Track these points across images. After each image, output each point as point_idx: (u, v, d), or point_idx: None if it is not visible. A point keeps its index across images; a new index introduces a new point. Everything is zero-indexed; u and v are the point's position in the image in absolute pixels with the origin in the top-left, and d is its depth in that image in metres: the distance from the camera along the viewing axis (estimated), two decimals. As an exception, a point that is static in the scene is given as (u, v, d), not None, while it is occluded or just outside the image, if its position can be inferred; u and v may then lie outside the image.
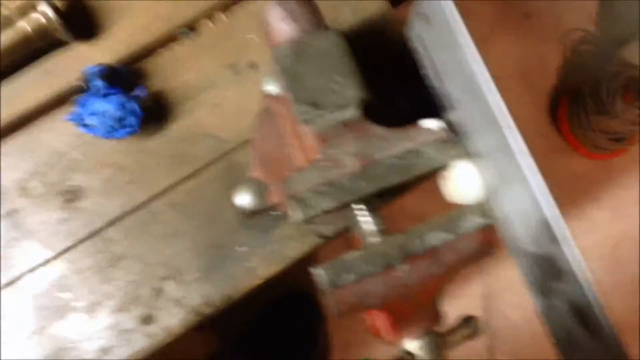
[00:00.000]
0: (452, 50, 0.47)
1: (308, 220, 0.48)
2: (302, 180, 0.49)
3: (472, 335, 0.54)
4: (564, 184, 1.88)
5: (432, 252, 0.47)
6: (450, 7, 0.46)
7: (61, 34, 0.63)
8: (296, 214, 0.48)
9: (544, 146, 1.88)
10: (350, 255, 0.47)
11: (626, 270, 1.83)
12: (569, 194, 1.88)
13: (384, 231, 0.52)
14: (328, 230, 0.65)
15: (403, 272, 0.47)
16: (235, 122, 0.68)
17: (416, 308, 0.48)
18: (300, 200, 0.48)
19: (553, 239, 0.42)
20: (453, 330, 0.54)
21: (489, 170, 0.48)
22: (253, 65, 0.69)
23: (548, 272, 0.45)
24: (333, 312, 0.47)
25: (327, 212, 0.48)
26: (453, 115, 0.52)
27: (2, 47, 0.61)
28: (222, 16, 0.69)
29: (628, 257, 1.83)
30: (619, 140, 1.69)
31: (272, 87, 0.62)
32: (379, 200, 0.60)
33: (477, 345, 1.71)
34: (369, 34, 0.69)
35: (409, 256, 0.47)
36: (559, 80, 1.88)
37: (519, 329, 1.71)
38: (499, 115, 0.44)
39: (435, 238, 0.47)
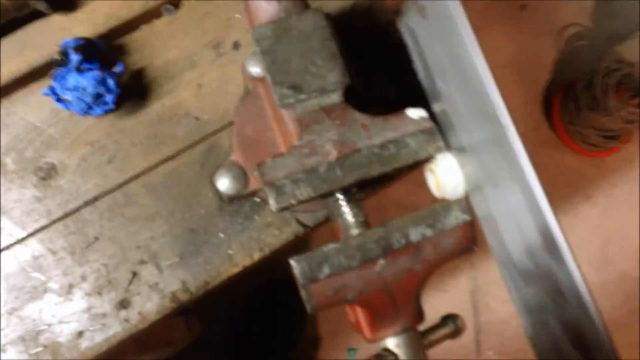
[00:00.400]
0: (449, 43, 0.45)
1: (284, 209, 0.46)
2: (279, 166, 0.47)
3: (454, 334, 0.53)
4: (555, 179, 1.87)
5: (411, 247, 0.46)
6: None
7: (38, 4, 0.60)
8: (271, 202, 0.46)
9: (536, 140, 1.87)
10: (327, 248, 0.45)
11: (615, 268, 1.83)
12: (560, 189, 1.87)
13: (364, 223, 0.50)
14: (308, 219, 0.64)
15: (381, 266, 0.45)
16: (217, 104, 0.66)
17: (394, 304, 0.46)
18: (276, 188, 0.46)
19: (552, 252, 0.40)
20: (434, 329, 0.52)
21: (474, 165, 0.46)
22: (237, 45, 0.67)
23: (541, 286, 0.43)
24: (307, 305, 0.45)
25: (303, 201, 0.46)
26: (438, 107, 0.50)
27: (-25, 17, 0.59)
28: (206, -8, 0.67)
29: (617, 255, 1.82)
30: (612, 137, 1.67)
31: (255, 69, 0.60)
32: (362, 190, 0.58)
33: (463, 339, 1.71)
34: (356, 18, 0.66)
35: (387, 251, 0.45)
36: (552, 75, 1.87)
37: (506, 323, 1.71)
38: (498, 112, 0.41)
39: (416, 233, 0.45)
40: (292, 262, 0.45)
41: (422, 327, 0.52)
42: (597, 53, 1.84)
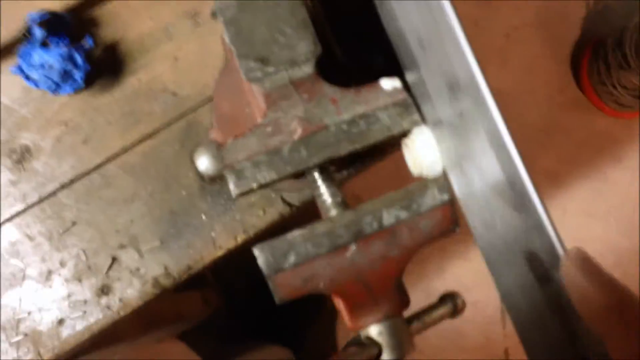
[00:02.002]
0: (427, 15, 0.39)
1: (245, 194, 0.43)
2: (240, 147, 0.43)
3: (453, 314, 0.49)
4: (583, 142, 1.79)
5: (385, 232, 0.41)
6: None
7: (-1, -22, 0.57)
8: (230, 187, 0.42)
9: (563, 101, 1.79)
10: (292, 235, 0.41)
11: (647, 233, 1.76)
12: (589, 152, 1.80)
13: (341, 203, 0.46)
14: (294, 198, 0.60)
15: (353, 253, 0.41)
16: (196, 78, 0.62)
17: (371, 292, 0.42)
18: (235, 172, 0.42)
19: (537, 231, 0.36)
20: (433, 308, 0.48)
21: (452, 140, 0.41)
22: (215, 15, 0.62)
23: (525, 268, 0.39)
24: (275, 296, 0.42)
25: (265, 185, 0.42)
26: (414, 75, 0.45)
27: None
28: (182, -42, 0.62)
29: (649, 220, 1.75)
30: (643, 97, 1.58)
31: (232, 39, 0.56)
32: (345, 168, 0.54)
33: (489, 309, 1.67)
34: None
35: (359, 236, 0.41)
36: (581, 32, 1.77)
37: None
38: (476, 79, 0.36)
39: (389, 216, 0.41)
40: (255, 251, 0.41)
41: (419, 307, 0.48)
42: (628, 8, 1.73)
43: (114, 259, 0.60)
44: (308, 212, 0.62)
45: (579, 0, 1.80)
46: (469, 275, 1.70)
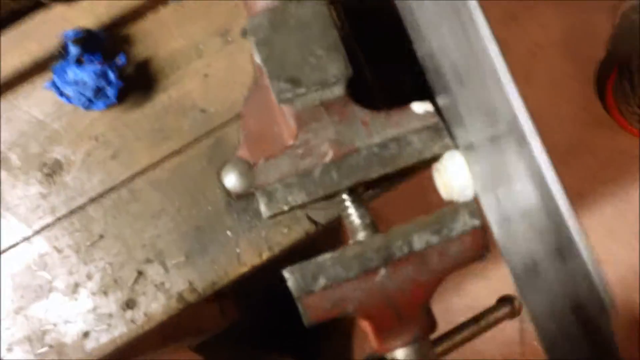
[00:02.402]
0: (456, 22, 0.39)
1: (276, 215, 0.43)
2: (271, 169, 0.43)
3: (510, 315, 0.49)
4: (606, 161, 1.77)
5: (416, 256, 0.41)
6: None
7: (37, -5, 0.58)
8: (261, 208, 0.42)
9: (587, 120, 1.77)
10: (323, 257, 0.41)
11: (668, 255, 1.73)
12: (612, 172, 1.78)
13: (370, 225, 0.46)
14: (320, 216, 0.60)
15: (382, 277, 0.41)
16: (225, 95, 0.62)
17: (399, 316, 0.42)
18: (267, 193, 0.42)
19: (571, 257, 0.35)
20: (490, 311, 0.48)
21: (484, 164, 0.41)
22: (245, 33, 0.63)
23: (557, 293, 0.38)
24: (303, 319, 0.42)
25: (296, 207, 0.43)
26: (445, 98, 0.44)
27: (-26, 9, 0.57)
28: (213, -23, 0.63)
29: (670, 242, 1.72)
30: (668, 119, 1.56)
31: (262, 58, 0.56)
32: (372, 188, 0.54)
33: (507, 328, 1.65)
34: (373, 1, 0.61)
35: (389, 260, 0.41)
36: (607, 51, 1.75)
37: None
38: (513, 104, 0.36)
39: (420, 241, 0.41)
40: (286, 274, 0.41)
41: (476, 311, 0.49)
42: (656, 28, 1.72)
43: (139, 273, 0.61)
44: (334, 229, 0.62)
45: (605, 20, 1.79)
46: (487, 294, 1.68)
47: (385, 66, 0.57)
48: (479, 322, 0.47)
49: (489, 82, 0.36)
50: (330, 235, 0.70)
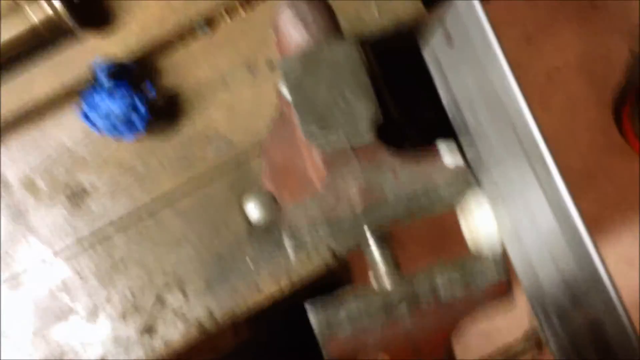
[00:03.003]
0: (480, 74, 0.40)
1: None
2: (300, 213, 0.44)
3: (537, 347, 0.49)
4: (624, 188, 1.76)
5: (441, 307, 0.41)
6: (483, 23, 0.39)
7: (68, 25, 0.59)
8: (289, 252, 0.43)
9: (605, 145, 1.76)
10: (349, 302, 0.41)
11: (687, 283, 1.71)
12: (629, 198, 1.76)
13: (394, 269, 0.46)
14: (341, 249, 0.60)
15: (407, 326, 0.41)
16: (249, 126, 0.63)
17: (420, 355, 0.43)
18: (295, 238, 0.43)
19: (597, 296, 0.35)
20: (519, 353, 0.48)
21: (511, 211, 0.42)
22: (271, 65, 0.64)
23: (579, 330, 0.38)
24: (325, 356, 0.42)
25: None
26: (468, 142, 0.45)
27: (8, 37, 0.58)
28: (241, 11, 0.64)
29: (687, 272, 1.71)
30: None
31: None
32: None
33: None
34: (398, 38, 0.62)
35: (415, 309, 0.41)
36: (624, 77, 1.75)
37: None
38: (540, 150, 0.37)
39: (446, 292, 0.41)
40: (310, 315, 0.42)
41: (490, 335, 0.48)
42: (674, 54, 1.72)
43: (159, 300, 0.61)
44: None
45: (621, 43, 1.78)
46: (501, 317, 1.68)
47: (411, 103, 0.58)
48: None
49: (512, 124, 0.36)
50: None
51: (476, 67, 0.40)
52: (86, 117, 0.58)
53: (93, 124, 0.59)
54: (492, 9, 0.44)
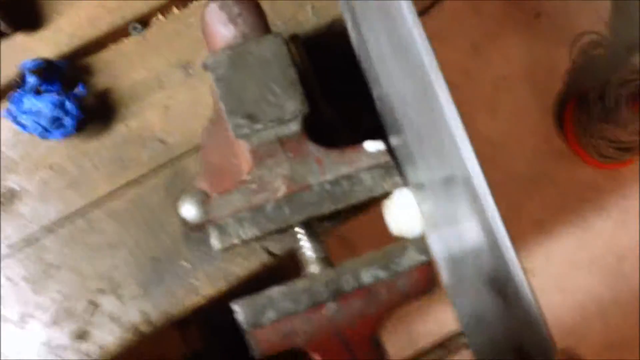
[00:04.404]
0: (390, 25, 0.40)
1: (228, 249, 0.43)
2: (225, 203, 0.44)
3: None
4: (567, 192, 1.81)
5: (364, 291, 0.42)
6: None
7: (-3, 24, 0.58)
8: (213, 242, 0.43)
9: (548, 151, 1.81)
10: (272, 291, 0.42)
11: (629, 284, 1.77)
12: (573, 202, 1.82)
13: (324, 259, 0.47)
14: (277, 247, 0.60)
15: (331, 310, 0.41)
16: (184, 126, 0.63)
17: (348, 348, 0.43)
18: (219, 227, 0.43)
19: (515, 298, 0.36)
20: (456, 336, 0.49)
21: (434, 202, 0.43)
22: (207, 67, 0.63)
23: (499, 330, 0.39)
24: (253, 351, 0.42)
25: (249, 241, 0.43)
26: (397, 138, 0.46)
27: None
28: (176, 11, 0.64)
29: (632, 271, 1.76)
30: (626, 150, 1.61)
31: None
32: (326, 221, 0.55)
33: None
34: (333, 38, 0.63)
35: (338, 294, 0.41)
36: (566, 84, 1.81)
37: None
38: (459, 145, 0.37)
39: (368, 275, 0.42)
40: (235, 307, 0.42)
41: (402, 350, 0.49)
42: (612, 63, 1.78)
43: (94, 305, 0.60)
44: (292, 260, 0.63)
45: (565, 53, 1.85)
46: (451, 319, 1.70)
47: (344, 102, 0.58)
48: (446, 348, 0.47)
49: (440, 128, 0.37)
50: (292, 265, 0.70)
51: (386, 18, 0.41)
52: (13, 117, 0.57)
53: (21, 125, 0.57)
54: (440, 18, 0.45)
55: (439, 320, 1.72)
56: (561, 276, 1.73)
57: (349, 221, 0.61)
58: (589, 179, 1.81)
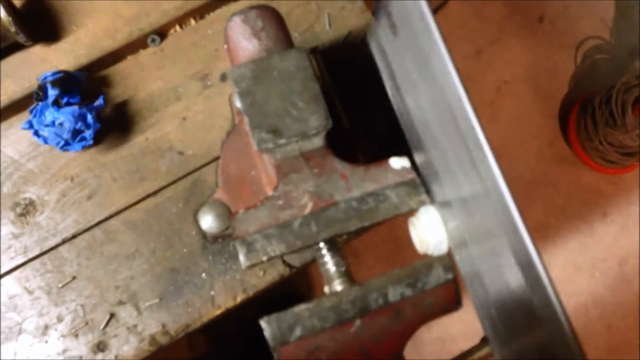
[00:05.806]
0: (422, 62, 0.41)
1: (254, 265, 0.43)
2: (251, 219, 0.44)
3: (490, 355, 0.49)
4: (570, 196, 1.82)
5: (390, 308, 0.42)
6: (424, 11, 0.40)
7: (15, 35, 0.58)
8: (240, 259, 0.43)
9: (552, 156, 1.82)
10: (299, 308, 0.42)
11: (630, 288, 1.78)
12: (576, 206, 1.82)
13: (345, 273, 0.47)
14: (295, 259, 0.61)
15: (357, 327, 0.42)
16: (202, 138, 0.63)
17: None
18: (246, 244, 0.43)
19: (545, 316, 0.37)
20: (473, 351, 0.49)
21: (460, 220, 0.43)
22: (224, 77, 0.64)
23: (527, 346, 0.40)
24: (276, 362, 0.42)
25: (275, 257, 0.43)
26: (422, 156, 0.46)
27: (-49, 48, 0.57)
28: (193, 22, 0.64)
29: (633, 275, 1.77)
30: (630, 154, 1.62)
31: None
32: (344, 236, 0.55)
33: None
34: (349, 49, 0.63)
35: (364, 312, 0.42)
36: (569, 89, 1.82)
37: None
38: (488, 163, 0.38)
39: (395, 293, 0.42)
40: (263, 324, 0.42)
41: (445, 343, 0.49)
42: (616, 68, 1.79)
43: (112, 315, 0.60)
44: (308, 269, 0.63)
45: (568, 57, 1.85)
46: (455, 325, 1.70)
47: (362, 113, 0.59)
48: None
49: (465, 142, 0.37)
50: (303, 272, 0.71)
51: (418, 55, 0.41)
52: (32, 127, 0.57)
53: (40, 136, 0.58)
54: (443, 23, 0.45)
55: (442, 325, 1.72)
56: (564, 280, 1.74)
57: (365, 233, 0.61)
58: (592, 184, 1.82)
